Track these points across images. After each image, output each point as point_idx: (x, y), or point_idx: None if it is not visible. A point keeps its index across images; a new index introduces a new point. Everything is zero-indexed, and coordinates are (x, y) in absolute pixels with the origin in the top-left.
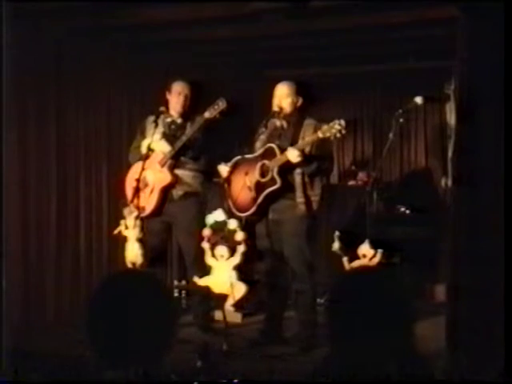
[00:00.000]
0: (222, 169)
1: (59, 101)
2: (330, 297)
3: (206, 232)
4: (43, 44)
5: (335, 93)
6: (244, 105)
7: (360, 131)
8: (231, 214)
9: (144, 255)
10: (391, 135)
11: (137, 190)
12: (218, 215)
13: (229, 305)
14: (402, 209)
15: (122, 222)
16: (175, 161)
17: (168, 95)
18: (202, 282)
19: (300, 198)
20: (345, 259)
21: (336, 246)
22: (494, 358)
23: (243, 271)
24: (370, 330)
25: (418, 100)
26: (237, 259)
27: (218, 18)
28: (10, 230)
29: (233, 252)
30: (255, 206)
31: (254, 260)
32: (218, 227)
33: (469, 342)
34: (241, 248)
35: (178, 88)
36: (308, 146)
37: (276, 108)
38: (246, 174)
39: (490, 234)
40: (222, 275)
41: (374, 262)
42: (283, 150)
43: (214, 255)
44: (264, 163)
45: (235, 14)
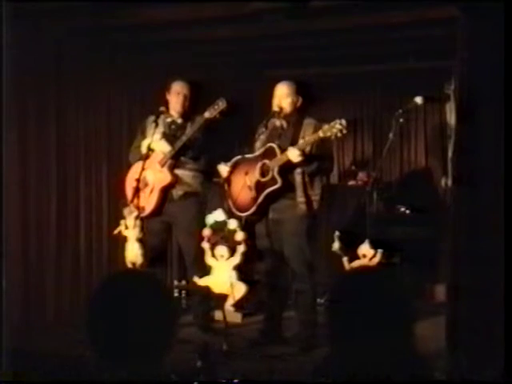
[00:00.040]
0: (221, 169)
1: (59, 101)
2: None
3: (206, 232)
4: (43, 44)
5: (335, 93)
6: (244, 105)
7: (360, 131)
8: (231, 213)
9: (144, 255)
10: (391, 135)
11: (137, 190)
12: (218, 215)
13: (229, 305)
14: (402, 209)
15: (122, 221)
16: (175, 161)
17: (168, 95)
18: (202, 281)
19: (300, 197)
20: (345, 259)
21: (336, 245)
22: (493, 358)
23: (243, 271)
24: (370, 330)
25: (418, 100)
26: (237, 259)
27: (218, 17)
28: (10, 230)
29: (233, 252)
30: (255, 206)
31: (254, 260)
32: (218, 227)
33: (469, 342)
34: (241, 248)
35: (178, 88)
36: (309, 145)
37: (276, 108)
38: (246, 174)
39: (490, 234)
40: (222, 275)
41: (373, 262)
42: (283, 150)
43: (214, 255)
44: (264, 163)
45: (235, 13)
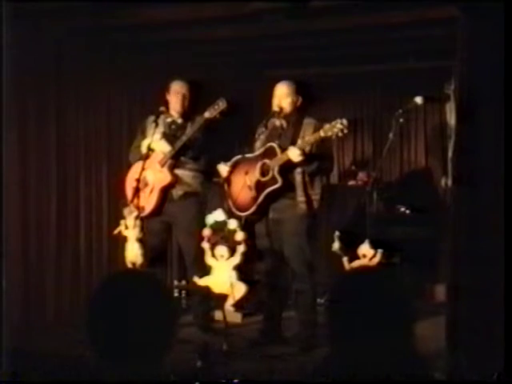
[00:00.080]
0: (221, 168)
1: (59, 101)
2: (330, 297)
3: (206, 232)
4: (43, 44)
5: (335, 93)
6: (244, 105)
7: (360, 131)
8: (231, 213)
9: (144, 255)
10: (391, 135)
11: (137, 190)
12: (218, 215)
13: (229, 305)
14: (402, 209)
15: (122, 222)
16: (175, 161)
17: (167, 96)
18: (202, 282)
19: (301, 196)
20: (345, 259)
21: (336, 245)
22: (494, 358)
23: (243, 271)
24: (370, 329)
25: (418, 100)
26: (237, 259)
27: (218, 17)
28: (10, 230)
29: (233, 252)
30: (255, 206)
31: (254, 260)
32: (218, 227)
33: (469, 342)
34: (241, 248)
35: (177, 87)
36: (309, 145)
37: (276, 108)
38: (246, 174)
39: (490, 234)
40: (222, 275)
41: (374, 262)
42: (284, 150)
43: (214, 255)
44: (265, 162)
45: (235, 13)
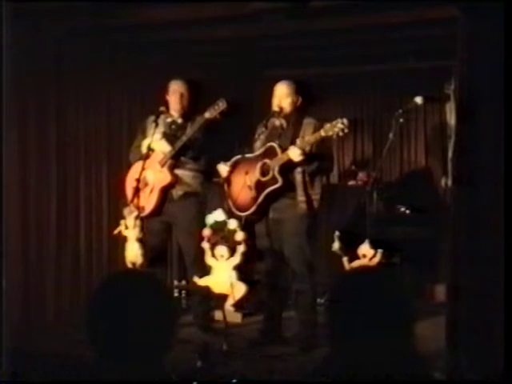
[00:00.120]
0: (221, 168)
1: (59, 101)
2: (330, 297)
3: (206, 232)
4: (43, 44)
5: (335, 93)
6: (244, 105)
7: (360, 131)
8: (231, 213)
9: (144, 255)
10: (391, 135)
11: (137, 190)
12: (218, 215)
13: (229, 305)
14: (402, 209)
15: (122, 222)
16: (175, 161)
17: (167, 96)
18: (202, 282)
19: (301, 196)
20: (345, 259)
21: (336, 245)
22: (494, 358)
23: (243, 271)
24: (370, 329)
25: (418, 100)
26: (237, 259)
27: (218, 17)
28: (10, 230)
29: (233, 252)
30: (255, 206)
31: (254, 260)
32: (218, 227)
33: (469, 342)
34: (241, 248)
35: (175, 87)
36: (310, 144)
37: (276, 108)
38: (246, 174)
39: (490, 234)
40: (222, 275)
41: (374, 262)
42: (284, 149)
43: (214, 255)
44: (265, 162)
45: (235, 13)
